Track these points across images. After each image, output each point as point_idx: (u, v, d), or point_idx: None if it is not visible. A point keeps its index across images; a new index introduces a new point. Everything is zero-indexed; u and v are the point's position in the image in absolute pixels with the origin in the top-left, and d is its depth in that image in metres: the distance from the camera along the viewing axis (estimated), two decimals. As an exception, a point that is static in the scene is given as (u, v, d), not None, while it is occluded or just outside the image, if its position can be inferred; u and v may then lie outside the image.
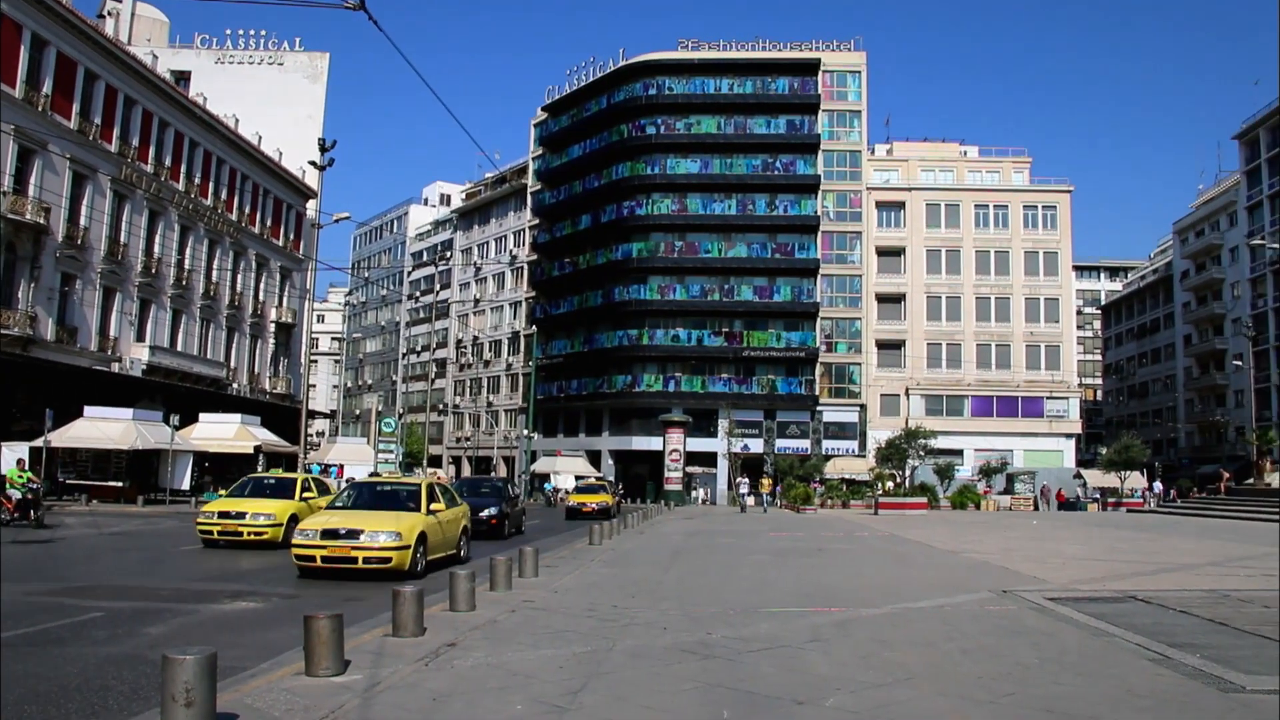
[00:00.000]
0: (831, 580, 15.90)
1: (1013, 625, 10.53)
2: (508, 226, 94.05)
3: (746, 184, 75.34)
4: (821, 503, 58.45)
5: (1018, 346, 74.97)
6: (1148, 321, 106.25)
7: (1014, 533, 31.74)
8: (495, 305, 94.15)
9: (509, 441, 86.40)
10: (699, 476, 71.31)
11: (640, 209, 75.58)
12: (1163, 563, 19.66)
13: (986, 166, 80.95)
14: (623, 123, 77.63)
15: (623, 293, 74.63)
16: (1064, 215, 77.21)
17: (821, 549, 23.38)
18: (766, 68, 76.57)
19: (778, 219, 74.81)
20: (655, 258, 74.72)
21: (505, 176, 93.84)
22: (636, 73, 77.68)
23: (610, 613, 11.32)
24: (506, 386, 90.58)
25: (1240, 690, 7.29)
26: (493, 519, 26.19)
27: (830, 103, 76.91)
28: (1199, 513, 49.96)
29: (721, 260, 74.41)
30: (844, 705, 6.85)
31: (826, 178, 75.66)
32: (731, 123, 76.22)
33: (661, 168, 75.91)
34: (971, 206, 76.80)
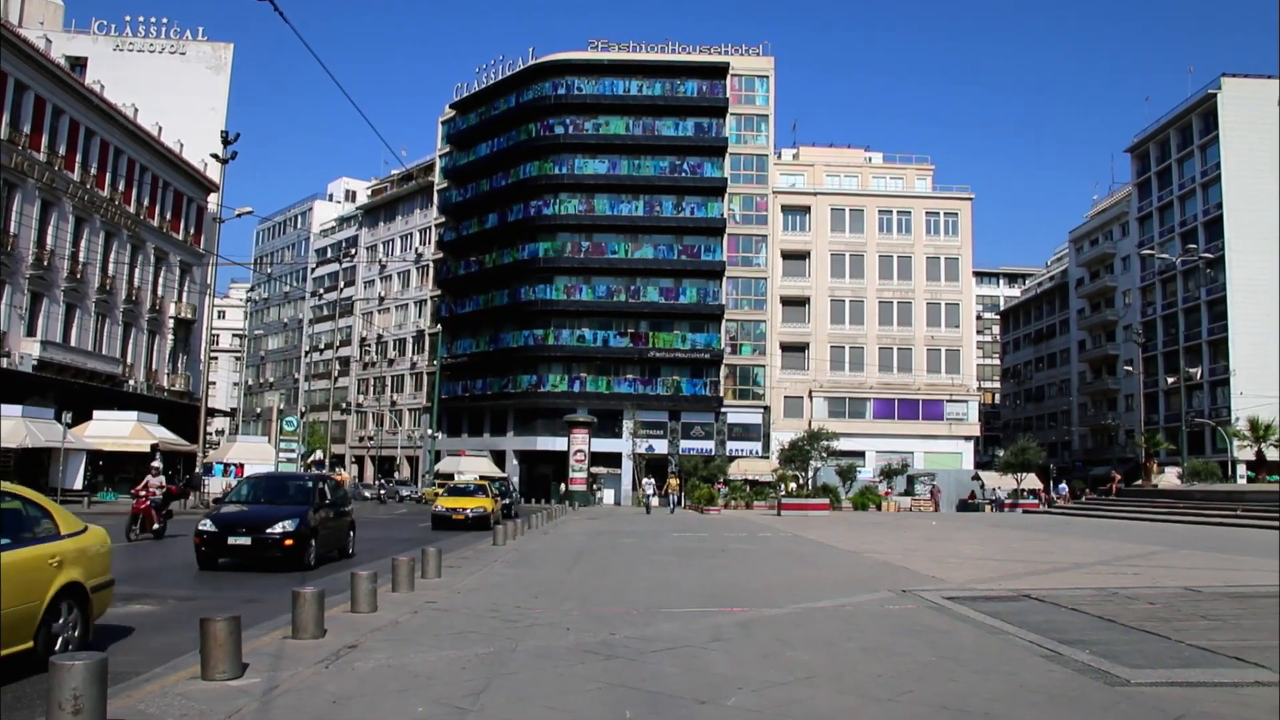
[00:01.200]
0: (734, 580, 15.97)
1: (912, 624, 10.66)
2: (414, 224, 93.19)
3: (654, 185, 75.55)
4: (725, 503, 58.77)
5: (919, 350, 76.12)
6: (1044, 327, 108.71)
7: (914, 533, 32.15)
8: (400, 303, 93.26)
9: (413, 441, 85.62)
10: (604, 477, 71.35)
11: (547, 209, 75.37)
12: (1056, 562, 20.07)
13: (890, 173, 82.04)
14: (531, 122, 77.35)
15: (529, 292, 74.35)
16: (965, 222, 78.61)
17: (725, 549, 23.49)
18: (675, 70, 76.85)
19: (684, 221, 75.13)
20: (562, 258, 74.57)
21: (412, 174, 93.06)
22: (546, 72, 77.46)
23: (513, 613, 11.27)
24: (411, 385, 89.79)
25: (1126, 684, 7.48)
26: (287, 539, 17.34)
27: (738, 106, 77.46)
28: (1091, 513, 51.19)
29: (628, 261, 74.50)
30: (745, 704, 6.88)
31: (733, 181, 76.17)
32: (640, 124, 76.37)
33: (569, 168, 75.80)
34: (875, 212, 77.82)
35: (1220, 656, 8.53)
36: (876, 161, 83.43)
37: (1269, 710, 6.72)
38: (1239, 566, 18.88)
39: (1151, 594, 13.55)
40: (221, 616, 7.48)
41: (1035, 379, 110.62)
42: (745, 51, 78.13)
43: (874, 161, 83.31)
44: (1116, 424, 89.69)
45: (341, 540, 20.44)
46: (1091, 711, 6.79)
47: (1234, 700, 7.01)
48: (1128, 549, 23.83)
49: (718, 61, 77.05)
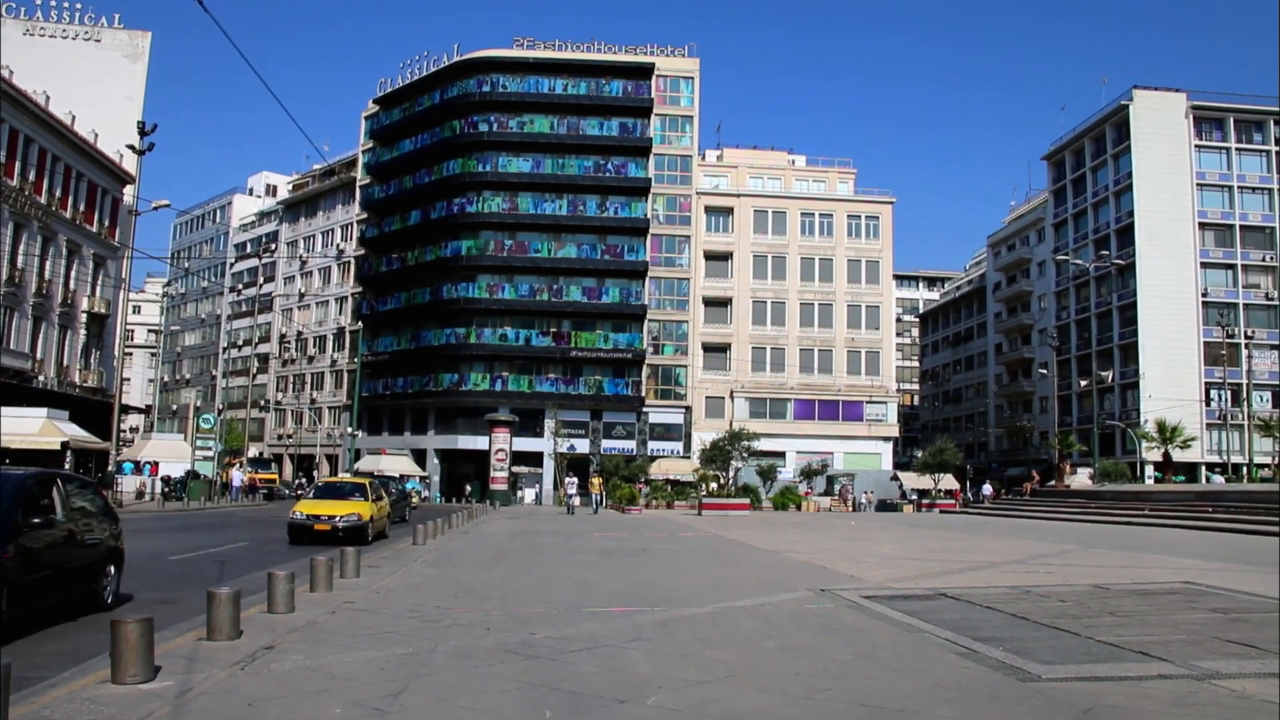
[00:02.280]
0: (655, 580, 16.00)
1: (830, 623, 10.76)
2: (335, 220, 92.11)
3: (578, 185, 75.47)
4: (646, 503, 58.87)
5: (839, 352, 76.80)
6: (962, 330, 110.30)
7: (833, 533, 32.41)
8: (321, 300, 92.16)
9: (333, 439, 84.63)
10: (525, 476, 71.12)
11: (471, 206, 74.94)
12: (971, 561, 20.38)
13: (813, 175, 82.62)
14: (456, 119, 76.88)
15: (451, 290, 73.87)
16: (886, 226, 79.46)
17: (645, 549, 23.53)
18: (601, 69, 76.85)
19: (608, 220, 75.12)
20: (485, 256, 74.19)
21: (334, 169, 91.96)
22: (471, 69, 77.03)
23: (433, 613, 11.20)
24: (331, 383, 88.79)
25: (1037, 680, 7.65)
26: None
27: (663, 107, 77.64)
28: (1006, 513, 52.08)
29: (551, 260, 74.33)
30: (665, 703, 6.91)
31: (657, 181, 76.34)
32: (565, 123, 76.25)
33: (493, 165, 75.42)
34: (798, 214, 78.42)
35: (1126, 651, 8.75)
36: (800, 164, 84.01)
37: (1170, 702, 6.93)
38: (1146, 564, 19.35)
39: (1063, 592, 13.84)
40: (133, 618, 7.33)
41: (953, 381, 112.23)
42: (671, 53, 78.36)
43: (797, 164, 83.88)
44: (1031, 425, 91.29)
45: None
46: (1004, 707, 6.92)
47: (1138, 693, 7.20)
48: (1041, 548, 24.28)
49: (643, 62, 77.19)
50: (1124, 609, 11.90)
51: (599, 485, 53.05)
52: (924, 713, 6.71)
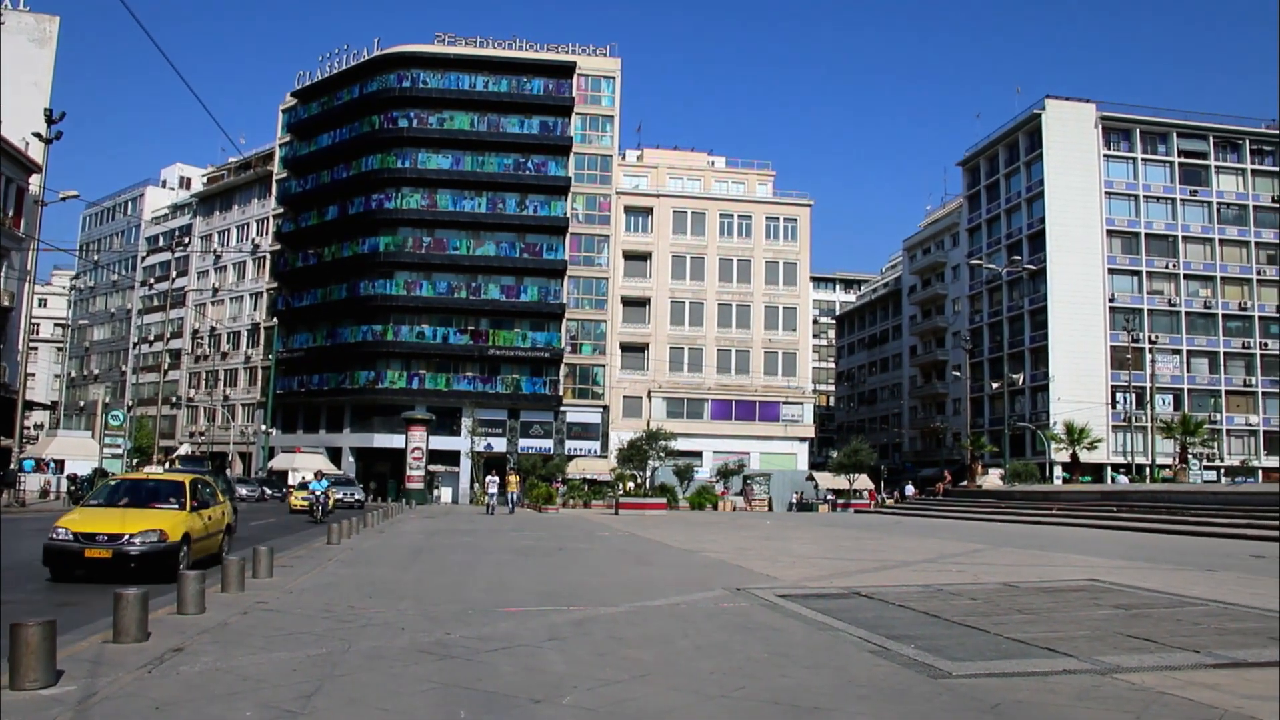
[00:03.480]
0: (571, 579, 15.97)
1: (745, 621, 10.80)
2: (251, 214, 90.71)
3: (498, 183, 75.16)
4: (564, 503, 58.77)
5: (756, 353, 77.31)
6: (878, 332, 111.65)
7: (749, 533, 32.48)
8: (235, 295, 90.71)
9: (246, 437, 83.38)
10: (442, 475, 70.68)
11: (389, 203, 74.31)
12: (885, 560, 20.60)
13: (733, 177, 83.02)
14: (375, 114, 76.20)
15: (368, 287, 73.20)
16: (804, 228, 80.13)
17: (562, 548, 23.46)
18: (522, 67, 76.63)
19: (527, 219, 74.92)
20: (403, 253, 73.58)
21: (250, 162, 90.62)
22: (391, 64, 76.36)
23: (347, 613, 11.08)
24: (245, 380, 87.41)
25: (948, 676, 7.77)
26: None
27: (584, 106, 77.61)
28: (919, 513, 52.77)
29: (470, 258, 73.95)
30: (580, 703, 6.90)
31: (577, 180, 76.30)
32: (485, 120, 75.89)
33: (413, 162, 74.84)
34: (717, 215, 78.79)
35: (1034, 648, 8.92)
36: (719, 165, 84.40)
37: (1074, 696, 7.09)
38: (1054, 563, 19.72)
39: (973, 590, 14.06)
40: (34, 621, 7.09)
41: (869, 382, 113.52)
42: (592, 52, 78.36)
43: (717, 165, 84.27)
44: (945, 427, 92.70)
45: None
46: (915, 703, 7.00)
47: (1044, 688, 7.35)
48: (953, 547, 24.63)
49: (565, 61, 77.12)
50: (1032, 606, 12.12)
51: (515, 484, 52.58)
52: (837, 710, 6.77)
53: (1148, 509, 38.13)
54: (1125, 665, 8.10)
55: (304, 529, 30.05)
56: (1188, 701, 6.93)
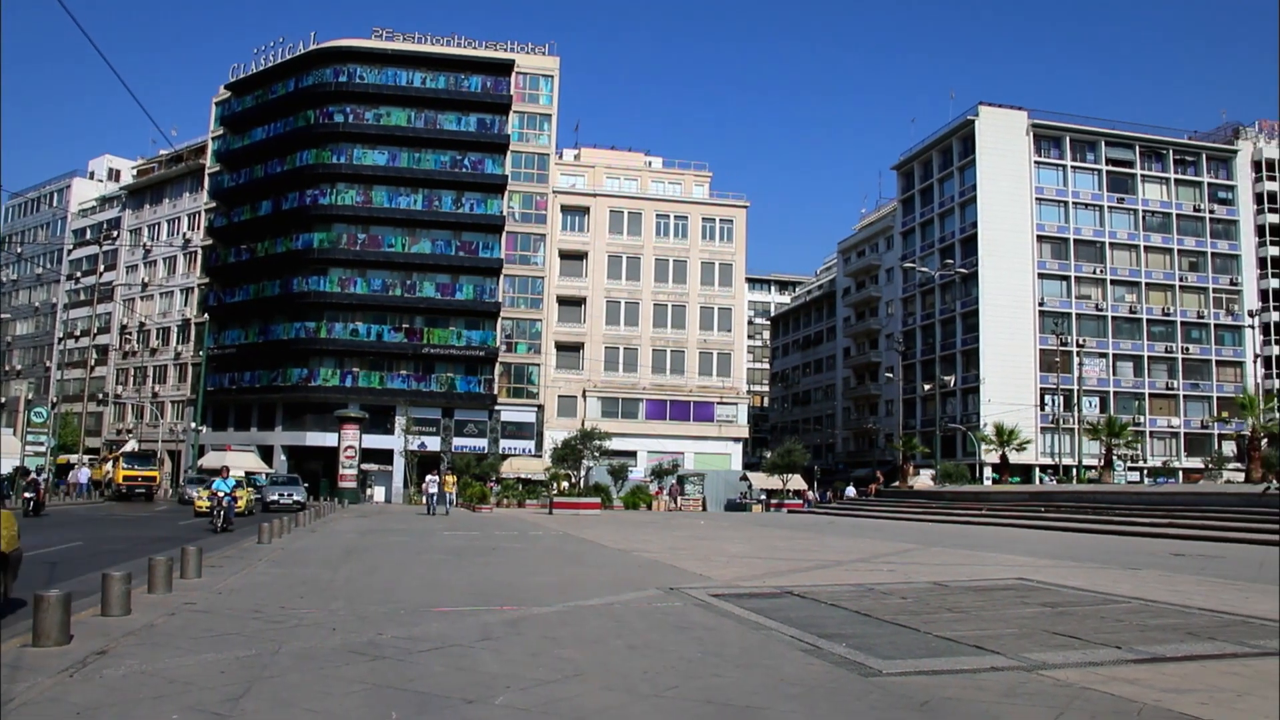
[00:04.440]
0: (505, 579, 15.92)
1: (678, 621, 10.84)
2: (182, 208, 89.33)
3: (434, 180, 74.71)
4: (498, 502, 58.64)
5: (691, 353, 77.53)
6: (812, 334, 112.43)
7: (682, 532, 32.57)
8: (165, 290, 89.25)
9: (175, 434, 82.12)
10: (375, 474, 70.16)
11: (324, 198, 73.57)
12: (818, 560, 20.76)
13: (669, 178, 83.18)
14: (311, 108, 75.38)
15: (302, 284, 72.45)
16: (740, 229, 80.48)
17: (496, 548, 23.39)
18: (461, 64, 76.24)
19: (463, 217, 74.55)
20: (337, 249, 72.89)
21: (182, 155, 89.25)
22: (328, 58, 75.59)
23: (277, 614, 10.97)
24: (174, 376, 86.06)
25: (879, 674, 7.87)
26: None
27: (522, 104, 77.39)
28: (852, 513, 53.24)
29: (405, 255, 73.43)
30: (513, 703, 6.88)
31: (514, 179, 76.06)
32: (422, 117, 75.41)
33: (348, 157, 74.16)
34: (653, 215, 78.91)
35: (963, 645, 9.06)
36: (656, 166, 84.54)
37: (1001, 693, 7.21)
38: (983, 562, 20.02)
39: (904, 589, 14.23)
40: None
41: (803, 383, 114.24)
42: (531, 50, 78.13)
43: (654, 166, 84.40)
44: (877, 428, 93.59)
45: None
46: (846, 701, 7.07)
47: (972, 685, 7.47)
48: (885, 547, 24.88)
49: (503, 58, 76.84)
50: (961, 605, 12.30)
51: (452, 483, 51.93)
52: (769, 709, 6.82)
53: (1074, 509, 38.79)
54: (1051, 662, 8.26)
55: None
56: (1109, 696, 7.09)
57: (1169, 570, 18.09)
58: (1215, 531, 28.99)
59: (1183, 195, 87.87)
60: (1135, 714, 6.63)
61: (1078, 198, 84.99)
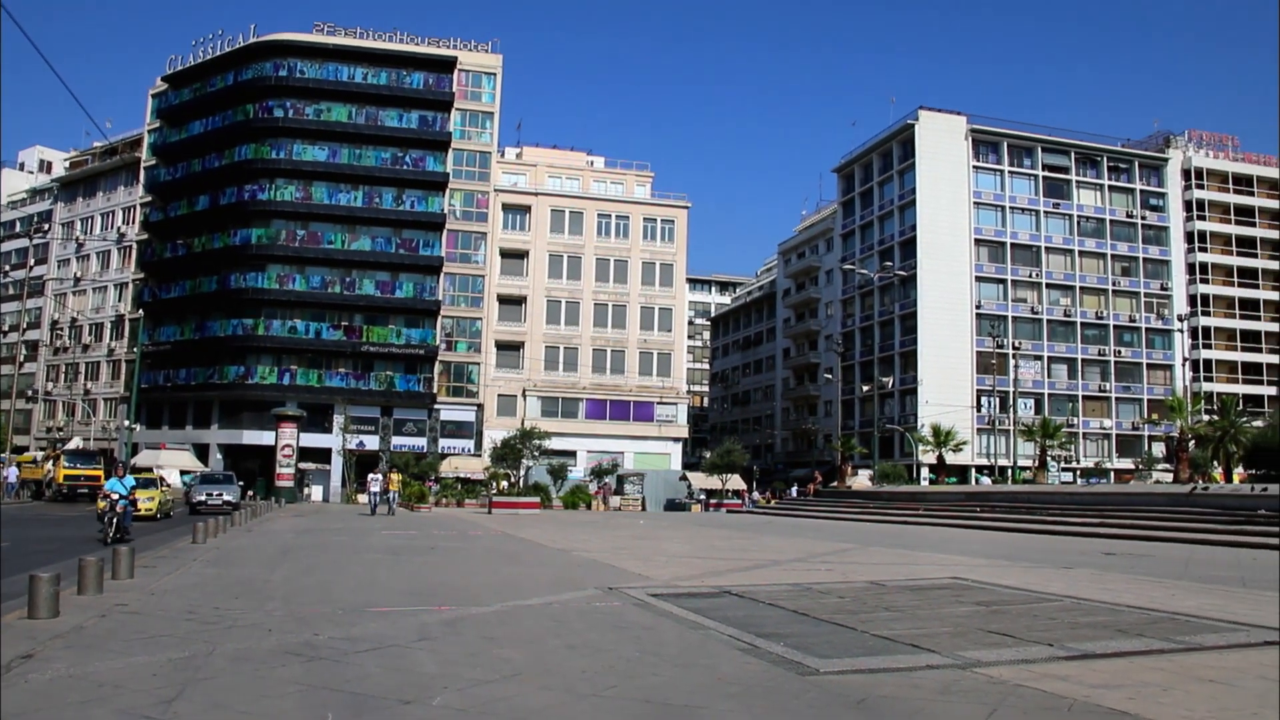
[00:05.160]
0: (443, 579, 15.89)
1: (617, 621, 10.88)
2: (117, 202, 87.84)
3: (375, 176, 74.15)
4: (437, 501, 58.42)
5: (632, 353, 77.61)
6: (752, 334, 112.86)
7: (622, 532, 32.66)
8: (99, 285, 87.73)
9: (108, 432, 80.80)
10: (313, 473, 69.46)
11: (263, 194, 72.71)
12: (756, 560, 20.90)
13: (611, 177, 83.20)
14: (250, 103, 74.44)
15: (240, 280, 71.56)
16: (681, 230, 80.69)
17: (434, 547, 23.32)
18: (403, 60, 75.76)
19: (404, 214, 74.07)
20: (276, 245, 72.08)
21: (117, 148, 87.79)
22: (268, 51, 74.75)
23: (212, 615, 10.84)
24: (108, 373, 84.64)
25: (816, 673, 7.94)
26: None
27: (464, 102, 77.07)
28: (791, 513, 53.61)
29: (344, 252, 72.78)
30: (450, 703, 6.86)
31: (455, 176, 75.71)
32: (363, 113, 74.82)
33: (288, 153, 73.37)
34: (595, 215, 78.89)
35: (899, 644, 9.17)
36: (598, 165, 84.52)
37: (936, 691, 7.31)
38: (919, 561, 20.27)
39: (842, 588, 14.36)
40: None
41: (742, 384, 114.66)
42: (474, 47, 77.85)
43: (596, 165, 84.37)
44: (816, 428, 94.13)
45: None
46: (783, 700, 7.13)
47: (908, 683, 7.57)
48: (823, 546, 25.09)
49: (446, 55, 76.49)
50: (898, 604, 12.44)
51: (396, 482, 50.85)
52: (707, 708, 6.85)
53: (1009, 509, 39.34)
54: (985, 660, 8.39)
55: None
56: (1041, 693, 7.21)
57: (1100, 569, 18.43)
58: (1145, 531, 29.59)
59: (1116, 201, 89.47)
60: (1066, 710, 6.76)
61: (1015, 202, 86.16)
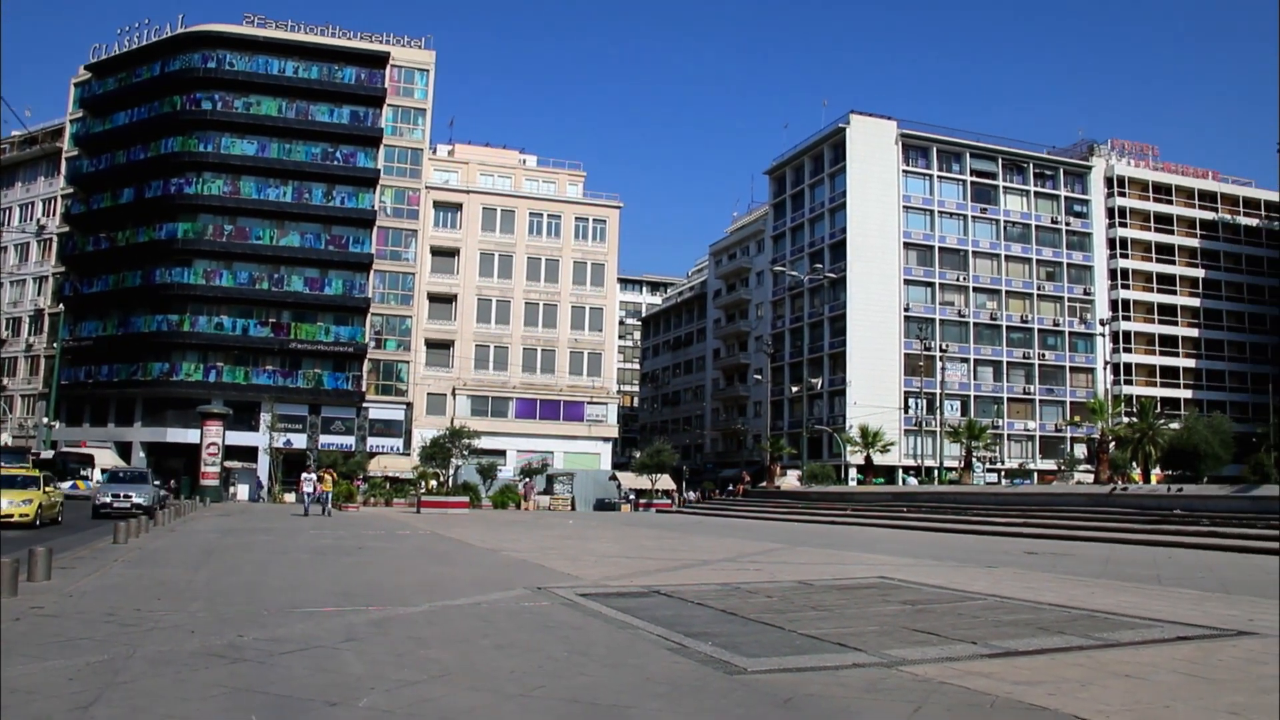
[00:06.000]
0: (370, 579, 15.74)
1: (546, 621, 10.84)
2: (36, 193, 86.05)
3: (305, 172, 73.34)
4: (365, 501, 57.99)
5: (562, 352, 77.54)
6: (683, 335, 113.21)
7: (551, 532, 32.61)
8: (17, 279, 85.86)
9: (26, 431, 79.10)
10: (239, 472, 68.49)
11: (190, 188, 71.55)
12: (685, 559, 20.94)
13: (543, 176, 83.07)
14: (177, 94, 73.25)
15: (165, 275, 70.39)
16: (612, 230, 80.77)
17: (362, 547, 23.11)
18: (335, 54, 75.03)
19: (334, 210, 73.38)
20: (203, 240, 71.03)
21: (37, 137, 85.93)
22: (196, 42, 73.58)
23: (132, 617, 10.59)
24: (25, 369, 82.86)
25: (744, 672, 7.97)
26: None
27: (396, 98, 76.53)
28: (720, 513, 53.86)
29: (273, 248, 71.91)
30: (377, 705, 6.79)
31: (386, 173, 75.15)
32: (294, 107, 73.97)
33: (216, 146, 72.31)
34: (526, 214, 78.70)
35: (826, 643, 9.24)
36: (531, 164, 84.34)
37: (862, 689, 7.38)
38: (847, 561, 20.46)
39: (770, 588, 14.44)
40: None
41: (672, 384, 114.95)
42: (407, 43, 77.34)
43: (528, 164, 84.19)
44: (746, 429, 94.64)
45: None
46: (711, 699, 7.14)
47: (834, 682, 7.63)
48: (752, 546, 25.21)
49: (378, 50, 75.89)
50: (825, 603, 12.53)
51: (331, 481, 48.93)
52: (635, 708, 6.85)
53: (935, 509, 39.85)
54: (910, 658, 8.48)
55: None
56: (965, 690, 7.31)
57: (1023, 568, 18.76)
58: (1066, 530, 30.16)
59: (1042, 207, 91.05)
60: (988, 706, 6.85)
61: (943, 207, 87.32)
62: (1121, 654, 8.91)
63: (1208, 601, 13.25)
